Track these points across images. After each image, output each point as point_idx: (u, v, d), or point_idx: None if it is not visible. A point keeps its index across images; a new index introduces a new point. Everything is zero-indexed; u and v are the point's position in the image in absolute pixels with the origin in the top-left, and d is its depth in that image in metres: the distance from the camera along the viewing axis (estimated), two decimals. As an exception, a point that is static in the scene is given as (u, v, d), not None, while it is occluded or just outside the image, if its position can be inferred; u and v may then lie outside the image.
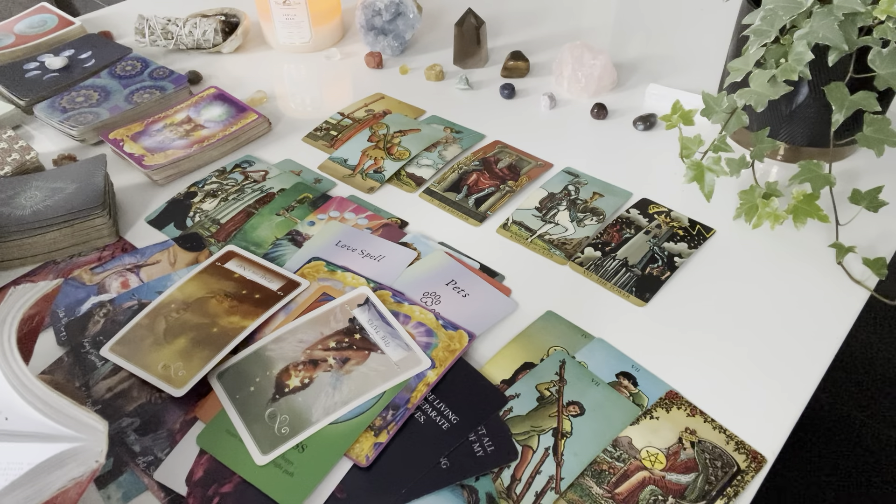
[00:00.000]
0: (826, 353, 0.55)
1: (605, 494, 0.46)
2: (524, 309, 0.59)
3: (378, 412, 0.50)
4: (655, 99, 0.84)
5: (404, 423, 0.50)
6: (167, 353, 0.54)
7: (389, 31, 0.94)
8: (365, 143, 0.79)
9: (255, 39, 1.01)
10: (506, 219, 0.68)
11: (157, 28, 0.95)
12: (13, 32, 0.96)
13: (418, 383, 0.52)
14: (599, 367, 0.54)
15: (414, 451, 0.48)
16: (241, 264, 0.62)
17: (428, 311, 0.57)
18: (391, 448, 0.48)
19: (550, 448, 0.48)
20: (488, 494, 0.46)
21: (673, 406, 0.51)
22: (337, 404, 0.50)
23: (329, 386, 0.51)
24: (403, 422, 0.50)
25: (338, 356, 0.53)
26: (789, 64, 0.58)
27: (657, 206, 0.69)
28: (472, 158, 0.76)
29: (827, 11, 0.57)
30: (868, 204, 0.61)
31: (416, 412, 0.50)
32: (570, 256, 0.64)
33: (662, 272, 0.62)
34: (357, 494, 0.46)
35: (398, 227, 0.67)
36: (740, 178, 0.70)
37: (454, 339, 0.55)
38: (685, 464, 0.47)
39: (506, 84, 0.86)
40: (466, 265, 0.62)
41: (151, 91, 0.85)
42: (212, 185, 0.73)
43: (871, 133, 0.59)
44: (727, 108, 0.63)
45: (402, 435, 0.49)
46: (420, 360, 0.53)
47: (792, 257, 0.63)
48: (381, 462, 0.48)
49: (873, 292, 0.60)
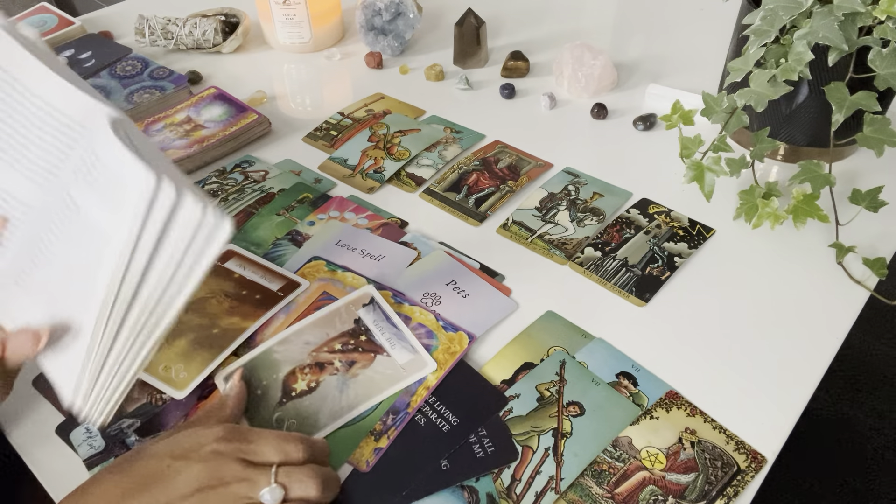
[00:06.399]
0: (826, 353, 0.55)
1: (605, 494, 0.46)
2: (524, 309, 0.59)
3: (378, 417, 0.50)
4: (655, 99, 0.84)
5: (404, 426, 0.50)
6: (168, 355, 0.54)
7: (389, 31, 0.94)
8: (365, 143, 0.79)
9: (255, 39, 1.01)
10: (506, 219, 0.68)
11: (157, 28, 0.95)
12: (13, 32, 0.96)
13: (418, 387, 0.52)
14: (599, 367, 0.54)
15: (414, 453, 0.48)
16: (240, 264, 0.62)
17: (428, 312, 0.57)
18: (392, 451, 0.48)
19: (550, 448, 0.48)
20: (489, 495, 0.46)
21: (673, 406, 0.51)
22: (343, 409, 0.50)
23: (336, 390, 0.51)
24: (404, 426, 0.50)
25: (344, 359, 0.53)
26: (789, 64, 0.58)
27: (657, 206, 0.69)
28: (472, 158, 0.76)
29: (827, 11, 0.57)
30: (868, 204, 0.61)
31: (415, 415, 0.50)
32: (570, 256, 0.64)
33: (662, 272, 0.62)
34: (357, 497, 0.46)
35: (398, 227, 0.67)
36: (740, 178, 0.70)
37: (454, 340, 0.55)
38: (685, 464, 0.47)
39: (506, 84, 0.86)
40: (466, 265, 0.62)
41: (151, 91, 0.85)
42: (212, 185, 0.73)
43: (871, 133, 0.59)
44: (727, 108, 0.63)
45: (402, 437, 0.49)
46: (426, 363, 0.53)
47: (792, 257, 0.63)
48: (381, 464, 0.48)
49: (873, 292, 0.60)
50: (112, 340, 0.39)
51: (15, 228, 0.41)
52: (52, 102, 0.40)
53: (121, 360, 0.40)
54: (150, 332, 0.39)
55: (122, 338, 0.39)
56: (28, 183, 0.41)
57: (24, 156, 0.41)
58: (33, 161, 0.40)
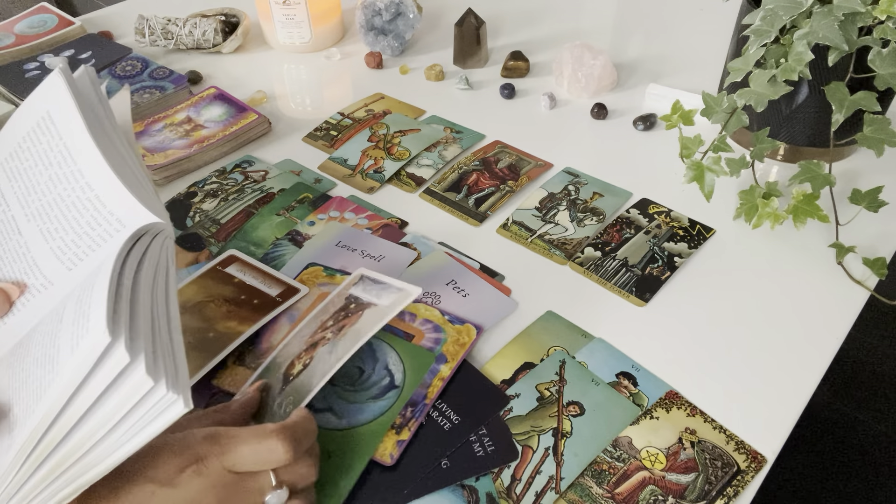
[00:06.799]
0: (826, 353, 0.55)
1: (605, 494, 0.46)
2: (524, 309, 0.59)
3: (398, 411, 0.50)
4: (655, 99, 0.84)
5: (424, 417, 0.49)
6: (164, 357, 0.53)
7: (389, 31, 0.94)
8: (365, 143, 0.79)
9: (255, 39, 1.01)
10: (506, 219, 0.68)
11: (157, 28, 0.95)
12: (13, 32, 0.96)
13: (433, 378, 0.52)
14: (599, 367, 0.54)
15: (416, 451, 0.48)
16: (241, 269, 0.61)
17: (433, 308, 0.57)
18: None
19: (550, 448, 0.48)
20: (488, 494, 0.46)
21: (673, 406, 0.51)
22: (332, 364, 0.48)
23: (326, 353, 0.50)
24: (424, 417, 0.50)
25: (334, 328, 0.52)
26: (789, 64, 0.58)
27: (657, 206, 0.69)
28: (472, 158, 0.76)
29: (827, 11, 0.57)
30: (868, 204, 0.61)
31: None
32: (570, 256, 0.64)
33: (662, 272, 0.62)
34: (359, 495, 0.46)
35: (398, 227, 0.67)
36: (740, 178, 0.70)
37: (462, 332, 0.55)
38: (685, 464, 0.47)
39: (506, 84, 0.86)
40: (466, 265, 0.62)
41: (151, 91, 0.85)
42: (212, 185, 0.73)
43: (871, 133, 0.59)
44: (727, 108, 0.63)
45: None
46: (409, 293, 0.51)
47: (792, 257, 0.63)
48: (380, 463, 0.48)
49: (873, 292, 0.60)
50: (28, 475, 0.35)
51: (32, 298, 0.40)
52: (99, 194, 0.39)
53: (31, 496, 0.36)
54: (69, 482, 0.35)
55: (39, 476, 0.35)
56: (55, 261, 0.39)
57: (59, 233, 0.40)
58: (65, 241, 0.39)
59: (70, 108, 0.41)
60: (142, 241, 0.38)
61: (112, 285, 0.34)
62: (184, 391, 0.34)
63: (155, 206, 0.39)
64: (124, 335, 0.33)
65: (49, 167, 0.41)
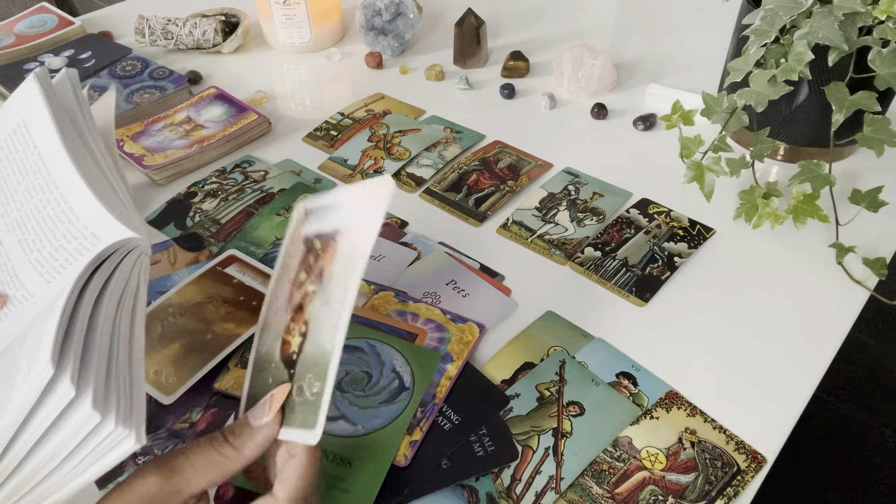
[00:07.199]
0: (826, 353, 0.55)
1: (605, 494, 0.46)
2: (524, 309, 0.59)
3: (412, 412, 0.50)
4: (655, 99, 0.84)
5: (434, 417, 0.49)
6: (160, 359, 0.53)
7: (389, 31, 0.94)
8: (365, 143, 0.79)
9: (255, 39, 1.01)
10: (506, 219, 0.68)
11: (157, 28, 0.95)
12: (13, 32, 0.96)
13: (440, 378, 0.52)
14: (599, 367, 0.54)
15: (417, 451, 0.48)
16: (241, 269, 0.61)
17: (434, 307, 0.57)
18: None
19: (550, 448, 0.48)
20: (488, 494, 0.46)
21: (673, 406, 0.51)
22: (339, 311, 0.39)
23: (321, 306, 0.41)
24: (434, 416, 0.50)
25: (313, 277, 0.43)
26: (789, 64, 0.58)
27: (657, 206, 0.69)
28: (472, 158, 0.76)
29: (827, 11, 0.57)
30: (868, 204, 0.61)
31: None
32: (570, 256, 0.64)
33: (662, 272, 0.62)
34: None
35: (398, 227, 0.67)
36: (740, 178, 0.70)
37: (465, 331, 0.55)
38: (685, 464, 0.47)
39: (506, 84, 0.86)
40: (466, 265, 0.62)
41: (151, 91, 0.85)
42: (212, 185, 0.73)
43: (871, 133, 0.59)
44: (727, 108, 0.63)
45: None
46: (363, 194, 0.41)
47: (792, 257, 0.63)
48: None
49: (873, 292, 0.60)
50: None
51: (14, 309, 0.39)
52: (73, 207, 0.38)
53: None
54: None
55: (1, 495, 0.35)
56: (34, 273, 0.39)
57: (37, 245, 0.39)
58: (43, 253, 0.39)
59: (44, 116, 0.40)
60: (111, 259, 0.37)
61: (65, 314, 0.33)
62: (137, 426, 0.33)
63: (130, 219, 0.38)
64: (70, 367, 0.32)
65: (25, 177, 0.40)
